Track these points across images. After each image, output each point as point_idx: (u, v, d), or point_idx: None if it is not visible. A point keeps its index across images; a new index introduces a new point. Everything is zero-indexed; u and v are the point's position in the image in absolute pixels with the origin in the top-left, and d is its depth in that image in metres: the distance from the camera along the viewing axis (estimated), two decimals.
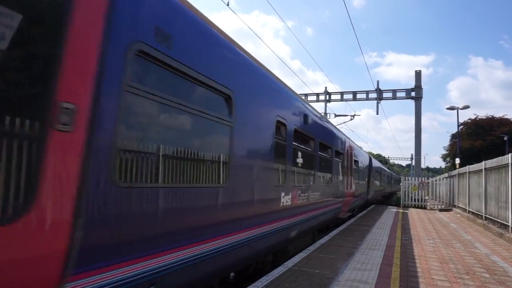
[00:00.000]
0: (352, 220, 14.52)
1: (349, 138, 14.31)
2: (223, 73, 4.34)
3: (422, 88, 28.05)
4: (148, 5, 3.05)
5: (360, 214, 17.27)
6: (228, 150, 4.45)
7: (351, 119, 26.98)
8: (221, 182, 4.30)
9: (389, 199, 33.61)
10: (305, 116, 7.83)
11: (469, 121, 49.04)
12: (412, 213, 19.52)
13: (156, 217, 3.17)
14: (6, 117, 2.07)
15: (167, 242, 3.35)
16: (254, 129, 5.26)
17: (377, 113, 29.29)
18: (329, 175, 10.27)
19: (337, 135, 11.92)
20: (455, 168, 23.57)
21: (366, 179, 19.70)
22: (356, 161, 15.45)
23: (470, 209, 16.76)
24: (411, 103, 28.51)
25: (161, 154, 3.31)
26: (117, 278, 2.73)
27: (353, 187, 14.46)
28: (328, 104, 31.54)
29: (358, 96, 30.15)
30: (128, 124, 2.92)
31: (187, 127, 3.88)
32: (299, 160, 7.32)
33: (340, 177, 12.00)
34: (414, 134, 28.30)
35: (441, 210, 22.00)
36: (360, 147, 20.37)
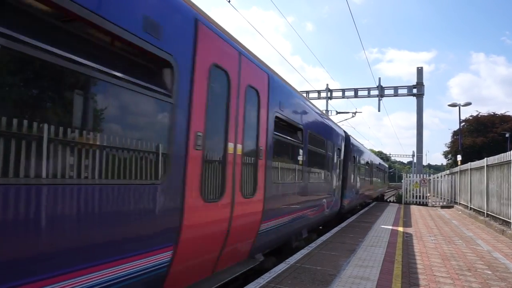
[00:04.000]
0: (354, 217, 14.52)
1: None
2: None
3: (424, 85, 27.91)
4: (280, 94, 6.49)
5: (362, 211, 17.27)
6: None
7: (353, 117, 26.95)
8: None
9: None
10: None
11: (470, 118, 48.95)
12: (414, 210, 19.51)
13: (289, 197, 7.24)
14: None
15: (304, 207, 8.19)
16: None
17: (379, 110, 29.01)
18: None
19: None
20: (456, 165, 23.53)
21: None
22: None
23: (472, 206, 16.74)
24: (412, 100, 28.47)
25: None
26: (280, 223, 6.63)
27: None
28: (329, 101, 31.50)
29: (360, 93, 29.98)
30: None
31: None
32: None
33: None
34: (415, 131, 28.16)
35: (442, 207, 21.99)
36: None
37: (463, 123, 46.17)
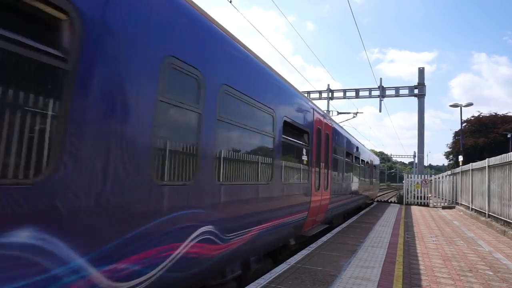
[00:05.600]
0: (355, 217, 14.50)
1: None
2: None
3: (425, 86, 27.83)
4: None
5: (362, 212, 17.25)
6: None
7: (354, 117, 26.92)
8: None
9: None
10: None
11: (472, 118, 48.91)
12: (415, 210, 19.47)
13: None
14: None
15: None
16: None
17: (380, 111, 28.88)
18: None
19: None
20: (458, 166, 23.49)
21: None
22: None
23: (473, 207, 16.69)
24: (413, 100, 28.45)
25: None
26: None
27: None
28: (330, 101, 31.44)
29: (361, 93, 29.91)
30: None
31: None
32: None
33: None
34: (416, 132, 28.06)
35: (444, 207, 21.94)
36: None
37: (465, 124, 46.15)
